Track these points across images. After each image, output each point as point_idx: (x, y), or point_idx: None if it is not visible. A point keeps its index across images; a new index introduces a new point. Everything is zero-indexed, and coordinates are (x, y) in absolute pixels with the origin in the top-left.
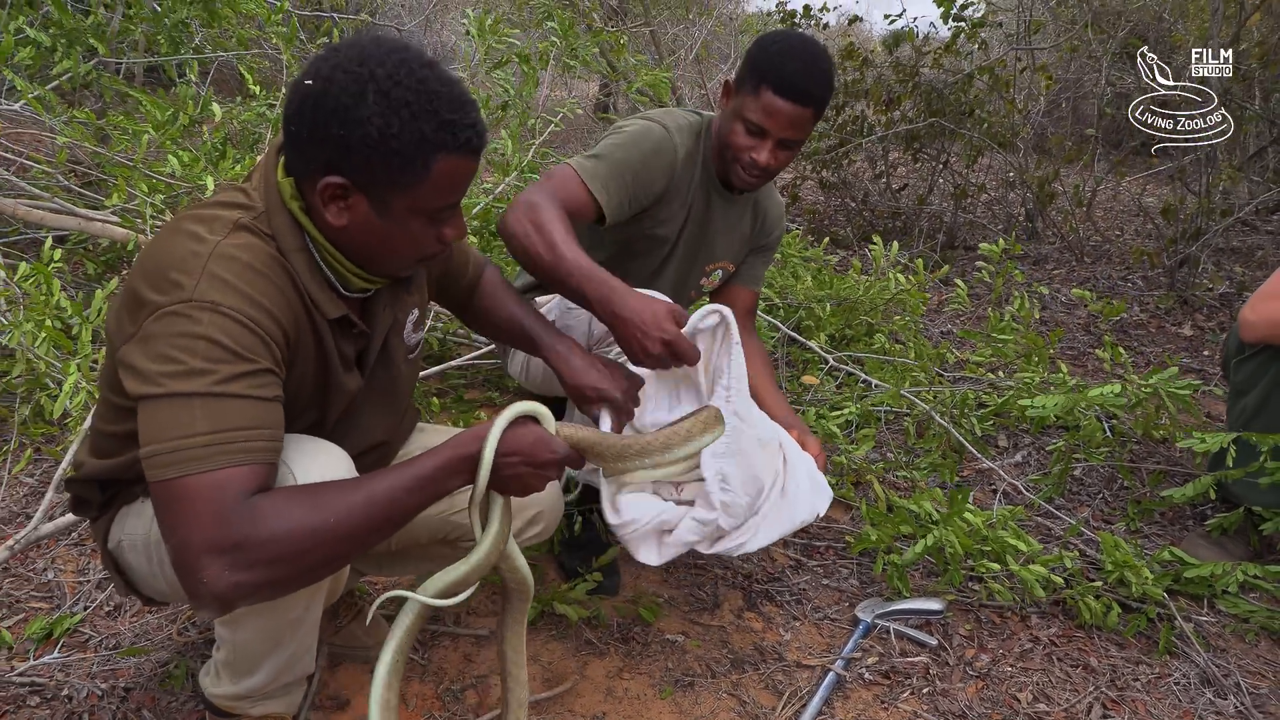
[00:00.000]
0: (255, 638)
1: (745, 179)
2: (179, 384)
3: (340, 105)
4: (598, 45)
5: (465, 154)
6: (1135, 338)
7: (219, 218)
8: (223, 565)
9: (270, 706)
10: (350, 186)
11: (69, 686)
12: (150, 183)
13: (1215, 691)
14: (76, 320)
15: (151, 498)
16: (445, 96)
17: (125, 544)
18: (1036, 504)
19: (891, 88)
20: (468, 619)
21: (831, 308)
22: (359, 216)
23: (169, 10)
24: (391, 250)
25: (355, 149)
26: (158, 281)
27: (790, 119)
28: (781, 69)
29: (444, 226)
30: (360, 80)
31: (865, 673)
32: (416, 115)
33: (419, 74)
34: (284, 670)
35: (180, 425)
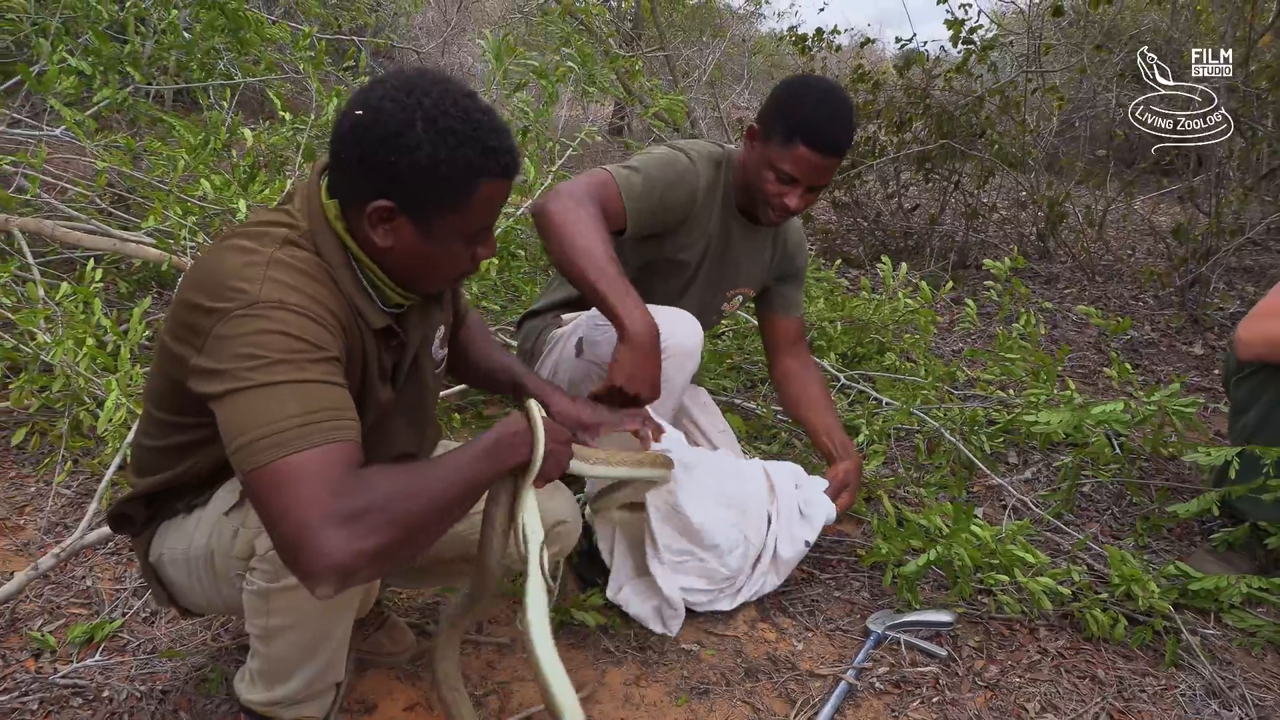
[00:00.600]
0: (289, 651)
1: (774, 219)
2: (262, 375)
3: (390, 133)
4: (614, 71)
5: (504, 178)
6: (1147, 356)
7: (267, 234)
8: (345, 535)
9: (303, 711)
10: (397, 210)
11: (109, 688)
12: (184, 205)
13: (1220, 703)
14: (112, 337)
15: (248, 488)
16: (486, 124)
17: (166, 558)
18: (1045, 519)
19: (903, 109)
20: (489, 628)
21: (842, 327)
22: (404, 238)
23: (200, 38)
24: (432, 268)
25: (405, 174)
26: (219, 291)
27: (822, 169)
28: (814, 124)
29: (478, 246)
30: (409, 109)
31: (876, 682)
32: (462, 142)
33: (462, 103)
34: (316, 679)
35: (271, 411)
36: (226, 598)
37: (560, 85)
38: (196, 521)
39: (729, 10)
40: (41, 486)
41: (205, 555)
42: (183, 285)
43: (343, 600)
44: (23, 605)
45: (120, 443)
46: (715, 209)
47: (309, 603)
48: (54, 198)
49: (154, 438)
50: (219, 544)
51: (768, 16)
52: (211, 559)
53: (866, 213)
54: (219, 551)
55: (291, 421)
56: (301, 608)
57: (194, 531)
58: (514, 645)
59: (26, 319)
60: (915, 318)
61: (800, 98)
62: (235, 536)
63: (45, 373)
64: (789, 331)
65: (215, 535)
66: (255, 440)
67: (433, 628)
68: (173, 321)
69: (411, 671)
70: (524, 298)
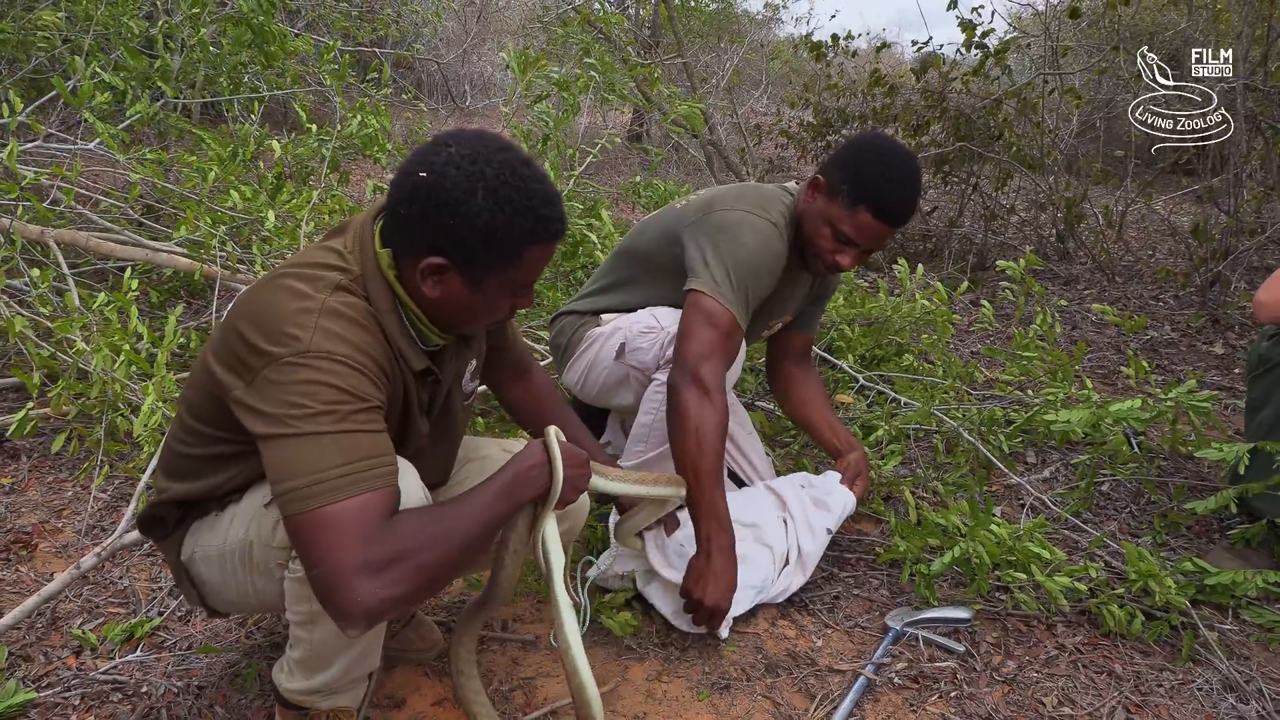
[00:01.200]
0: (331, 637)
1: (823, 272)
2: (307, 424)
3: (453, 199)
4: (633, 79)
5: (552, 241)
6: (1167, 356)
7: (321, 278)
8: (376, 584)
9: (338, 700)
10: (450, 266)
11: (148, 684)
12: (214, 215)
13: (1237, 697)
14: (145, 345)
15: (290, 530)
16: (540, 194)
17: (198, 556)
18: (1063, 518)
19: (920, 113)
20: (514, 625)
21: (860, 328)
22: (451, 290)
23: (228, 54)
24: (473, 317)
25: (464, 238)
26: (273, 334)
27: (882, 236)
28: (883, 195)
29: (517, 298)
30: (472, 178)
31: (895, 677)
32: (519, 212)
33: (520, 173)
34: (354, 666)
35: (314, 460)
36: (260, 591)
37: (580, 94)
38: (231, 517)
39: (747, 16)
40: (79, 491)
41: (242, 549)
42: (235, 314)
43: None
44: (63, 605)
45: (155, 447)
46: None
47: None
48: (87, 209)
49: (191, 446)
50: (259, 535)
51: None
52: (250, 551)
53: None
54: (259, 543)
55: (332, 472)
56: None
57: (229, 527)
58: (538, 642)
59: (64, 327)
60: (933, 319)
61: (873, 163)
62: (276, 527)
63: (82, 380)
64: (799, 346)
65: (255, 527)
66: (298, 488)
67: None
68: (222, 347)
69: (439, 668)
70: (546, 303)
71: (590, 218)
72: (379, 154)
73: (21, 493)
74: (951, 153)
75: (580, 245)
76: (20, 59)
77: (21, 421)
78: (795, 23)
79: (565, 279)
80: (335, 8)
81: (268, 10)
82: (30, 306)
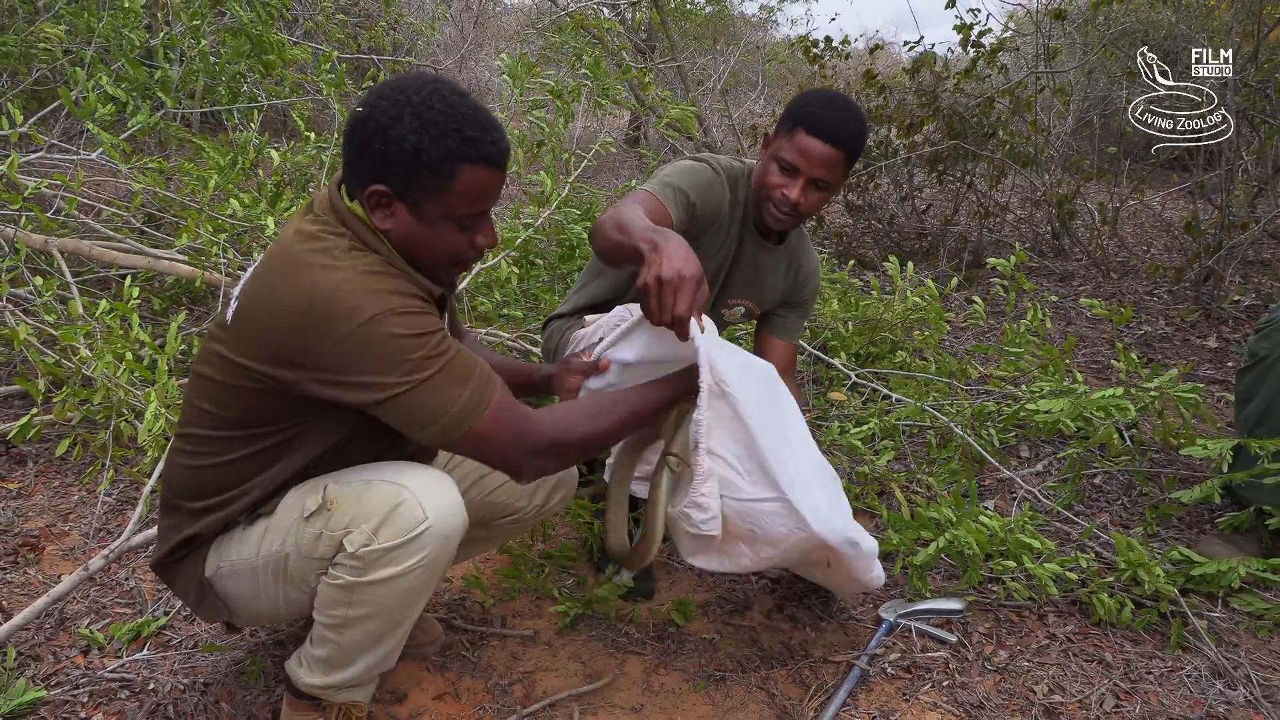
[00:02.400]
0: (361, 638)
1: (777, 216)
2: (418, 375)
3: (381, 125)
4: (626, 83)
5: (487, 165)
6: (1160, 350)
7: (330, 248)
8: (544, 460)
9: (353, 695)
10: (391, 195)
11: (155, 682)
12: (214, 223)
13: (1225, 683)
14: (147, 352)
15: (462, 452)
16: (470, 118)
17: (225, 571)
18: (1054, 510)
19: (914, 112)
20: (513, 621)
21: (854, 326)
22: (401, 222)
23: (227, 64)
24: (431, 253)
25: (393, 162)
26: (329, 314)
27: (821, 158)
28: (814, 113)
29: (476, 234)
30: (399, 105)
31: (888, 668)
32: (444, 133)
33: (449, 99)
34: (376, 665)
35: (442, 399)
36: (290, 601)
37: (574, 100)
38: (264, 530)
39: (743, 18)
40: (84, 495)
41: (277, 561)
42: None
43: (429, 585)
44: (71, 606)
45: (160, 452)
46: (735, 223)
47: (399, 592)
48: (90, 218)
49: (214, 456)
50: (297, 547)
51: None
52: (285, 563)
53: (881, 215)
54: (297, 554)
55: (463, 399)
56: (390, 598)
57: (262, 540)
58: (536, 638)
59: (68, 335)
60: (925, 315)
61: (807, 96)
62: (319, 539)
63: (86, 386)
64: (781, 354)
65: (293, 540)
66: (446, 424)
67: (458, 623)
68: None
69: (440, 663)
70: (544, 305)
71: (586, 221)
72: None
73: (28, 497)
74: (945, 151)
75: (577, 248)
76: (21, 71)
77: (24, 426)
78: (791, 24)
79: (562, 281)
80: (332, 18)
81: (266, 21)
82: (34, 314)
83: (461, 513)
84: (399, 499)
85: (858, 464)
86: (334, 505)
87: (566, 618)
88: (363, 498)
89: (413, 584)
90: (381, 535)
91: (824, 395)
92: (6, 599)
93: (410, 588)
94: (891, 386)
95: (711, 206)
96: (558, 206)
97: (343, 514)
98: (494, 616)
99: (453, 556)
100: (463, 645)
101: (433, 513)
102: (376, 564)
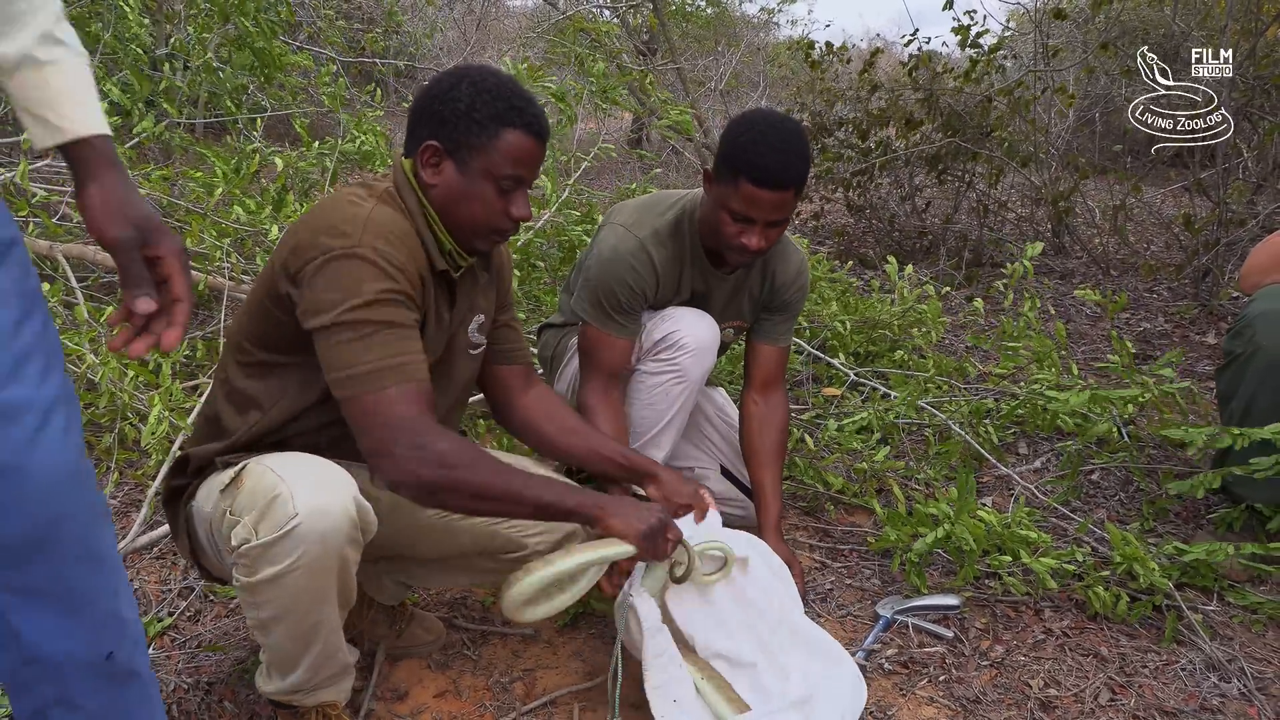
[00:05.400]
0: (285, 640)
1: (739, 261)
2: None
3: (440, 91)
4: (626, 86)
5: (529, 133)
6: (1159, 347)
7: (371, 189)
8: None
9: (322, 696)
10: (442, 151)
11: (159, 680)
12: (219, 228)
13: (1220, 676)
14: (151, 356)
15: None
16: (518, 92)
17: (194, 508)
18: (1050, 505)
19: (913, 112)
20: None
21: (853, 325)
22: (447, 177)
23: (231, 76)
24: (469, 211)
25: (447, 119)
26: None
27: (772, 204)
28: (755, 160)
29: (511, 204)
30: (457, 76)
31: (885, 663)
32: (496, 97)
33: (501, 77)
34: (322, 665)
35: (354, 354)
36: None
37: (578, 103)
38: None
39: (744, 20)
40: None
41: (209, 521)
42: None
43: (323, 587)
44: None
45: (164, 455)
46: (685, 269)
47: (291, 593)
48: None
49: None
50: (213, 519)
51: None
52: (211, 528)
53: (881, 214)
54: (214, 527)
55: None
56: (285, 598)
57: (216, 491)
58: (537, 636)
59: (73, 340)
60: (924, 314)
61: (742, 134)
62: (224, 518)
63: (91, 390)
64: (767, 362)
65: (212, 508)
66: (341, 376)
67: (459, 621)
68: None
69: (441, 661)
70: (544, 308)
71: (587, 223)
72: (379, 167)
73: None
74: (944, 149)
75: (578, 250)
76: None
77: None
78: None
79: (563, 283)
80: (333, 24)
81: (269, 35)
82: None
83: (344, 513)
84: (275, 492)
85: (856, 460)
86: (240, 486)
87: (567, 616)
88: (258, 484)
89: (302, 583)
90: (260, 529)
91: (819, 393)
92: None
93: (302, 587)
94: (891, 385)
95: (637, 289)
96: (558, 209)
97: (242, 497)
98: (495, 615)
99: (346, 560)
100: (464, 643)
101: (304, 509)
102: (260, 560)
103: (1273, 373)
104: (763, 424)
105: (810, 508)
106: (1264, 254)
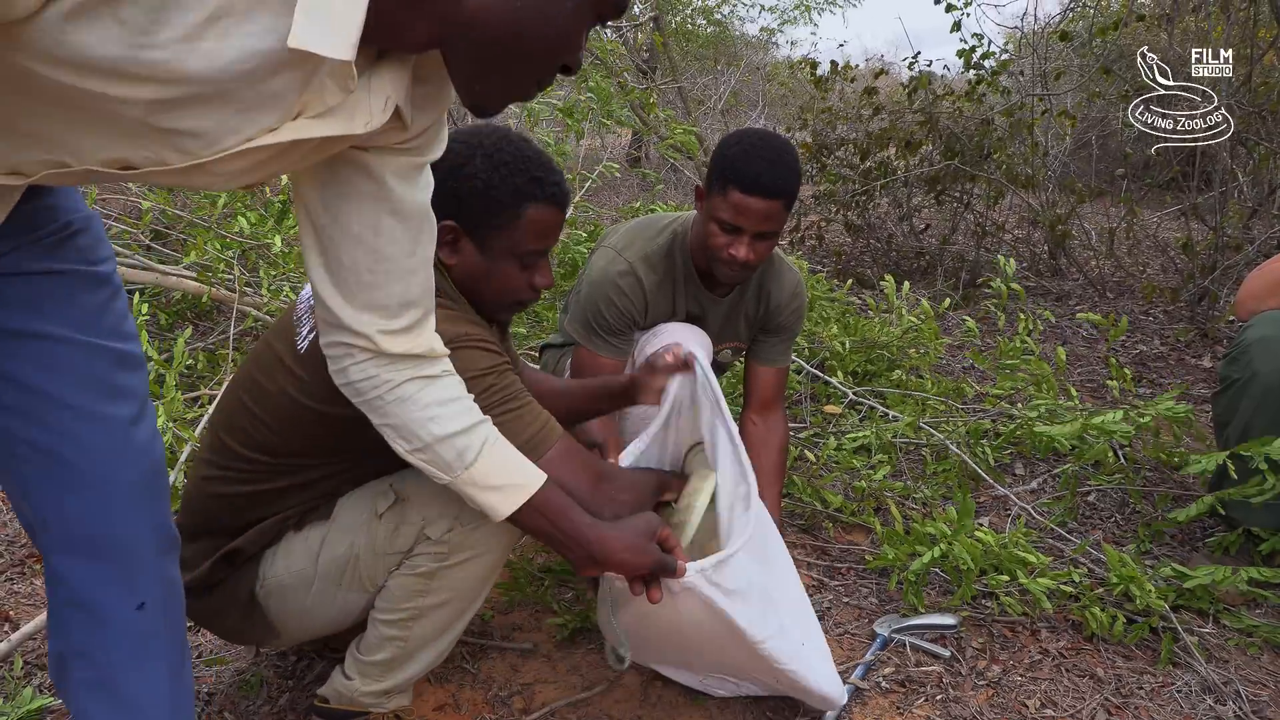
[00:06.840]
0: (430, 629)
1: (729, 275)
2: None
3: (454, 165)
4: (629, 104)
5: (551, 205)
6: (1155, 370)
7: None
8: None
9: (401, 701)
10: (460, 231)
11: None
12: (222, 240)
13: (1215, 699)
14: (154, 367)
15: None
16: (537, 160)
17: (271, 585)
18: (1048, 526)
19: (913, 132)
20: (513, 634)
21: (852, 345)
22: (466, 257)
23: None
24: (491, 287)
25: (465, 198)
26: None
27: (761, 213)
28: (745, 169)
29: (534, 274)
30: (471, 147)
31: (882, 681)
32: (513, 171)
33: (517, 144)
34: (436, 659)
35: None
36: (346, 606)
37: (584, 119)
38: (321, 537)
39: (744, 39)
40: None
41: (342, 563)
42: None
43: (490, 578)
44: None
45: (170, 467)
46: (678, 292)
47: (471, 579)
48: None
49: (256, 481)
50: (371, 545)
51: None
52: (353, 564)
53: (879, 234)
54: (369, 553)
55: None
56: (460, 582)
57: (320, 547)
58: (536, 650)
59: None
60: (921, 335)
61: (731, 147)
62: (396, 532)
63: None
64: (765, 383)
65: (365, 538)
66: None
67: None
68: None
69: (440, 674)
70: (546, 324)
71: (590, 242)
72: None
73: None
74: (942, 171)
75: (580, 268)
76: None
77: None
78: (791, 45)
79: (562, 300)
80: None
81: None
82: None
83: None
84: None
85: (854, 479)
86: (409, 499)
87: (565, 630)
88: (438, 490)
89: (483, 571)
90: (464, 518)
91: (820, 410)
92: (14, 609)
93: (481, 575)
94: (888, 404)
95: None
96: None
97: (420, 505)
98: (494, 629)
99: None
100: (463, 657)
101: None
102: (459, 547)
103: (1269, 398)
104: (762, 444)
105: (808, 525)
106: (1259, 280)
